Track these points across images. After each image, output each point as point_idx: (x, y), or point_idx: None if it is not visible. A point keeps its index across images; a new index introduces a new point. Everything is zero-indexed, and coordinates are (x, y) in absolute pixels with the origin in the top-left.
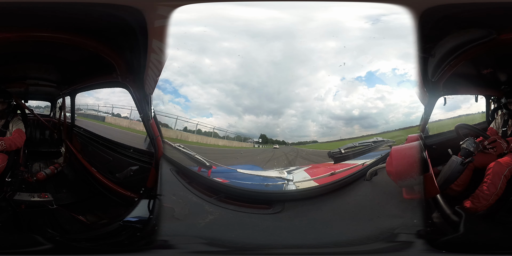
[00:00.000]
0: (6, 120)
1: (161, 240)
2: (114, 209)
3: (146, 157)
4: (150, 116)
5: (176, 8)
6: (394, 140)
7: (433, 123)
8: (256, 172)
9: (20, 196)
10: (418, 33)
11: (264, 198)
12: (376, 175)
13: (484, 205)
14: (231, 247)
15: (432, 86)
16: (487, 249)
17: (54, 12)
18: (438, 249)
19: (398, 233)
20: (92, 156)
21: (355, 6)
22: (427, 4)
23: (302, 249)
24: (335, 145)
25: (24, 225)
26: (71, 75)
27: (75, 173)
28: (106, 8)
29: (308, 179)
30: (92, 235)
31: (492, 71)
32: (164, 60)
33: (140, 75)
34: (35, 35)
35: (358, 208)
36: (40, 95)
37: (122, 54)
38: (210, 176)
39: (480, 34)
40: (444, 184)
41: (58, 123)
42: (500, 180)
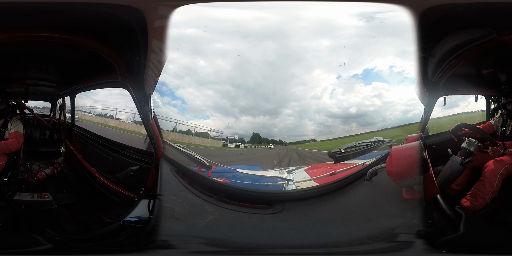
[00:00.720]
0: (5, 120)
1: (161, 240)
2: (114, 209)
3: (146, 157)
4: (150, 116)
5: (176, 8)
6: (394, 140)
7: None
8: (256, 172)
9: (20, 196)
10: (418, 33)
11: (264, 198)
12: (376, 175)
13: (481, 203)
14: (231, 247)
15: (432, 86)
16: (487, 249)
17: (54, 12)
18: (438, 249)
19: (398, 233)
20: (92, 156)
21: (349, 5)
22: (427, 4)
23: (302, 249)
24: (333, 144)
25: (24, 225)
26: (71, 75)
27: (75, 173)
28: (106, 8)
29: (308, 179)
30: (92, 235)
31: (492, 71)
32: (164, 60)
33: (140, 75)
34: (35, 35)
35: (358, 208)
36: (40, 95)
37: (122, 54)
38: (210, 176)
39: (480, 34)
40: (444, 184)
41: (58, 123)
42: (496, 178)
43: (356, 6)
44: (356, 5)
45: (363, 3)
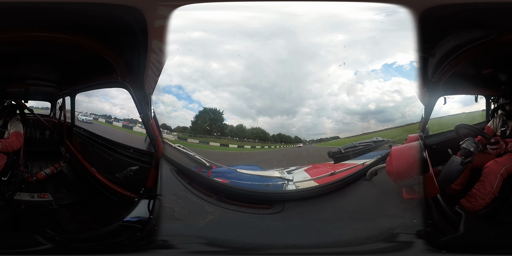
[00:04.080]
0: (4, 120)
1: (161, 240)
2: (114, 209)
3: (146, 157)
4: (150, 116)
5: (176, 8)
6: (394, 140)
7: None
8: (256, 172)
9: (20, 196)
10: (418, 33)
11: (264, 198)
12: (376, 175)
13: (481, 204)
14: (231, 247)
15: (432, 86)
16: (487, 249)
17: (54, 12)
18: (438, 249)
19: (398, 233)
20: (92, 156)
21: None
22: (427, 4)
23: (302, 249)
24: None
25: (24, 225)
26: (71, 75)
27: (75, 173)
28: (106, 8)
29: (308, 179)
30: (92, 235)
31: (492, 71)
32: (164, 60)
33: (140, 75)
34: (35, 35)
35: (358, 208)
36: (40, 95)
37: (122, 54)
38: (210, 176)
39: (480, 34)
40: (444, 184)
41: (58, 123)
42: (496, 179)
43: (360, 3)
44: (361, 3)
45: (364, 3)
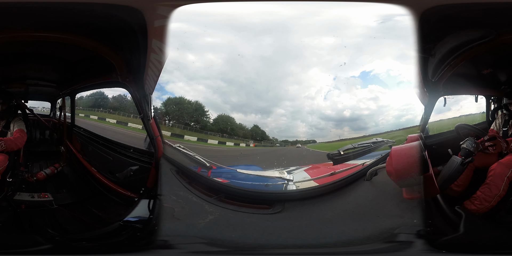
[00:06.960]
0: (7, 121)
1: (161, 240)
2: (114, 209)
3: (146, 157)
4: (150, 116)
5: (176, 8)
6: (394, 140)
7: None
8: (256, 172)
9: (20, 196)
10: (418, 33)
11: (264, 198)
12: (376, 175)
13: (486, 207)
14: (231, 247)
15: (432, 86)
16: (487, 249)
17: (54, 12)
18: (438, 249)
19: (398, 233)
20: (92, 156)
21: (358, 5)
22: (427, 4)
23: (302, 249)
24: (330, 146)
25: (24, 225)
26: (71, 75)
27: (75, 173)
28: (106, 8)
29: (308, 179)
30: (92, 235)
31: (492, 71)
32: (164, 60)
33: (140, 75)
34: (35, 35)
35: (358, 208)
36: (40, 95)
37: (122, 54)
38: (210, 176)
39: (480, 34)
40: (444, 184)
41: (58, 123)
42: (503, 182)
43: (368, 7)
44: (368, 6)
45: (373, 4)
